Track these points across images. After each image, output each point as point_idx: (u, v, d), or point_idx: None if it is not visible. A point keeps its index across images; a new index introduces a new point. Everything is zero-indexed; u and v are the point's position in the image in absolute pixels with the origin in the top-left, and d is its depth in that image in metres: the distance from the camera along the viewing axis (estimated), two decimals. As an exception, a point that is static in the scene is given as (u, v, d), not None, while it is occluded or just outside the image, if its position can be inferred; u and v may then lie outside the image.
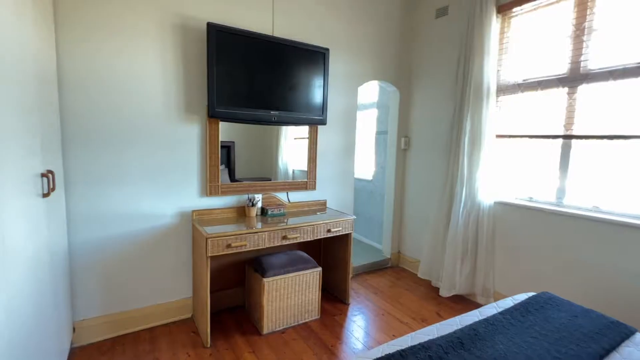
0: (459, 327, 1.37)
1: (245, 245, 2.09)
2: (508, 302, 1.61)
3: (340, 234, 2.55)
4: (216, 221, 2.30)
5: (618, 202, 2.07)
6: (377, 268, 3.48)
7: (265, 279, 2.21)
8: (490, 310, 1.54)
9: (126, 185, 2.12)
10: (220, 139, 2.38)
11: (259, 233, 2.14)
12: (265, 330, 2.25)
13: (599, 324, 1.40)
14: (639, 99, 1.95)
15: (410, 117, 3.45)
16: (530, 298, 1.63)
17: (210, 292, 2.12)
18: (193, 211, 2.35)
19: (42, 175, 1.45)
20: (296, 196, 2.83)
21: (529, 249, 2.44)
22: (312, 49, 2.57)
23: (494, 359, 1.15)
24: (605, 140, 2.10)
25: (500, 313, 1.48)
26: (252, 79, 2.35)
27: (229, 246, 2.03)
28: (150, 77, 2.13)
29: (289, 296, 2.33)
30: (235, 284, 2.59)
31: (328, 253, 2.90)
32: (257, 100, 2.38)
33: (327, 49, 2.65)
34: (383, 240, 3.69)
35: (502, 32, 2.63)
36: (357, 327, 2.39)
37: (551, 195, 2.38)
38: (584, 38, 2.18)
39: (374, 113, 4.27)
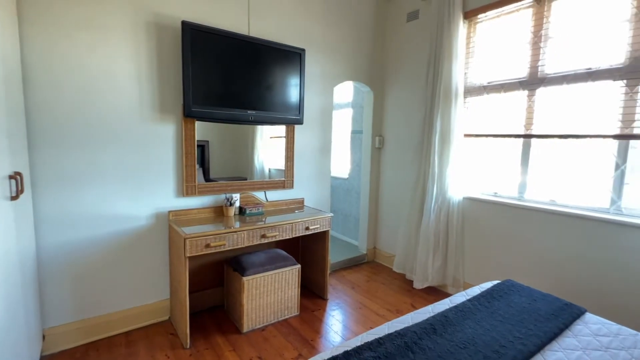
0: (432, 314, 1.47)
1: (225, 244, 2.09)
2: (475, 290, 1.74)
3: (318, 231, 2.60)
4: (194, 221, 2.29)
5: (571, 196, 2.26)
6: (354, 264, 3.58)
7: (244, 278, 2.23)
8: (459, 298, 1.65)
9: (99, 187, 2.07)
10: (196, 139, 2.37)
11: (238, 232, 2.15)
12: (245, 329, 2.26)
13: (554, 306, 1.54)
14: (588, 101, 2.14)
15: (384, 116, 3.56)
16: (495, 286, 1.76)
17: (189, 293, 2.11)
18: (169, 212, 2.32)
19: (10, 177, 1.40)
20: (274, 195, 2.86)
21: (495, 241, 2.60)
22: (288, 50, 2.60)
23: (463, 342, 1.25)
24: (560, 139, 2.29)
25: (469, 300, 1.59)
26: (228, 78, 2.35)
27: (207, 246, 2.03)
28: (123, 75, 2.08)
29: (268, 294, 2.36)
30: (213, 284, 2.58)
31: (306, 250, 2.95)
32: (234, 100, 2.39)
33: (303, 50, 2.69)
34: (359, 237, 3.79)
35: (468, 37, 2.78)
36: (336, 321, 2.46)
37: (514, 190, 2.56)
38: (541, 45, 2.35)
39: (349, 112, 4.36)
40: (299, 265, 2.50)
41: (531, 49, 2.40)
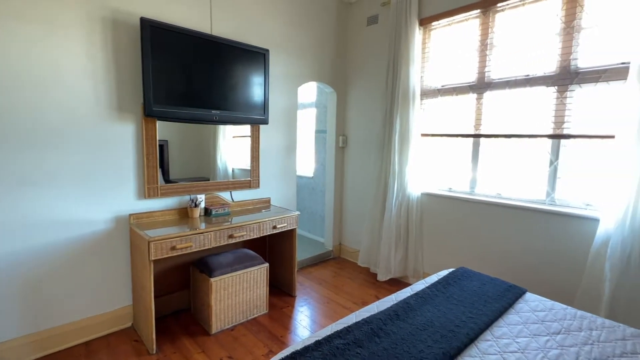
0: (395, 302, 1.58)
1: (191, 246, 2.07)
2: (433, 278, 1.89)
3: (286, 229, 2.65)
4: (157, 224, 2.23)
5: (514, 189, 2.51)
6: (321, 260, 3.66)
7: (212, 279, 2.22)
8: (419, 286, 1.78)
9: (50, 190, 1.94)
10: (158, 139, 2.30)
11: (205, 233, 2.14)
12: (214, 330, 2.25)
13: (500, 288, 1.73)
14: (527, 105, 2.39)
15: (346, 116, 3.67)
16: (450, 273, 1.93)
17: (154, 297, 2.06)
18: (130, 215, 2.24)
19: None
20: (240, 195, 2.85)
21: (450, 232, 2.81)
22: (252, 50, 2.60)
23: (422, 324, 1.37)
24: (505, 139, 2.53)
25: (427, 287, 1.73)
26: (191, 77, 2.31)
27: (173, 248, 2.00)
28: (77, 72, 1.98)
29: (237, 294, 2.36)
30: (179, 288, 2.53)
31: (274, 249, 2.98)
32: (197, 100, 2.35)
33: (267, 50, 2.70)
34: (325, 234, 3.88)
35: (424, 43, 2.97)
36: (304, 316, 2.53)
37: (466, 185, 2.78)
38: (487, 52, 2.58)
39: (313, 112, 4.43)
40: (267, 264, 2.53)
41: (479, 56, 2.63)
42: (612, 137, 1.97)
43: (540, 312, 1.56)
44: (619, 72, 1.97)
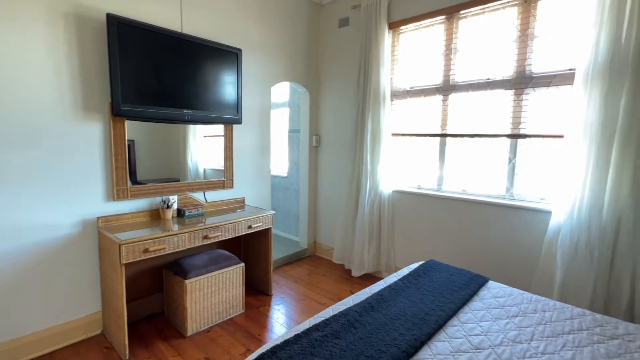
0: (369, 295, 1.65)
1: (165, 248, 2.03)
2: (405, 271, 1.99)
3: (261, 229, 2.66)
4: (128, 226, 2.17)
5: (478, 185, 2.68)
6: (296, 259, 3.70)
7: (187, 281, 2.19)
8: (392, 279, 1.87)
9: (11, 193, 1.84)
10: (127, 139, 2.24)
11: (179, 235, 2.11)
12: (189, 332, 2.23)
13: (466, 278, 1.86)
14: (488, 106, 2.56)
15: (319, 116, 3.73)
16: (420, 266, 2.03)
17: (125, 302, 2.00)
18: (98, 218, 2.16)
19: None
20: (214, 195, 2.83)
21: (420, 227, 2.95)
22: (225, 49, 2.59)
23: (396, 314, 1.45)
24: (469, 138, 2.69)
25: (400, 280, 1.82)
26: (162, 76, 2.26)
27: (146, 251, 1.95)
28: (39, 70, 1.88)
29: (212, 295, 2.35)
30: (151, 291, 2.47)
31: (249, 249, 2.98)
32: (169, 99, 2.31)
33: (240, 50, 2.70)
34: (300, 232, 3.92)
35: (393, 45, 3.08)
36: (281, 314, 2.55)
37: (434, 182, 2.93)
38: (452, 56, 2.73)
39: (286, 112, 4.45)
40: (242, 264, 2.53)
41: (444, 59, 2.77)
42: (562, 136, 2.16)
43: (500, 298, 1.69)
44: (566, 78, 2.17)
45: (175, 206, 2.46)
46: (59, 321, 2.06)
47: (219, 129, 2.82)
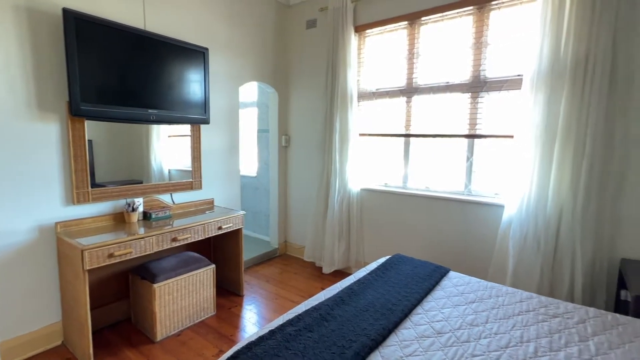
0: (340, 289, 1.72)
1: (131, 252, 1.98)
2: (373, 265, 2.08)
3: (231, 229, 2.65)
4: (90, 231, 2.08)
5: (440, 183, 2.85)
6: (267, 258, 3.71)
7: (155, 285, 2.14)
8: (361, 273, 1.96)
9: (-45, 200, 1.71)
10: (86, 139, 2.14)
11: (146, 238, 2.06)
12: (159, 337, 2.18)
13: (429, 270, 1.98)
14: (448, 108, 2.73)
15: (289, 116, 3.76)
16: (387, 260, 2.14)
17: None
18: (57, 223, 2.05)
19: None
20: (181, 197, 2.77)
21: (387, 224, 3.08)
22: (191, 48, 2.54)
23: (365, 306, 1.53)
24: (431, 138, 2.85)
25: (368, 274, 1.91)
26: (124, 75, 2.19)
27: (111, 256, 1.89)
28: (-15, 66, 1.76)
29: (182, 298, 2.31)
30: (116, 298, 2.38)
31: (219, 250, 2.95)
32: (132, 98, 2.24)
33: (207, 49, 2.66)
34: (270, 232, 3.93)
35: (359, 48, 3.18)
36: (253, 314, 2.57)
37: (399, 180, 3.06)
38: (414, 60, 2.87)
39: (254, 111, 4.42)
40: (213, 265, 2.51)
41: (407, 63, 2.91)
42: (512, 136, 2.36)
43: (460, 286, 1.83)
44: (515, 83, 2.37)
45: (140, 209, 2.39)
46: (15, 334, 1.94)
47: (185, 128, 2.76)
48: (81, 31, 1.95)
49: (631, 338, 1.35)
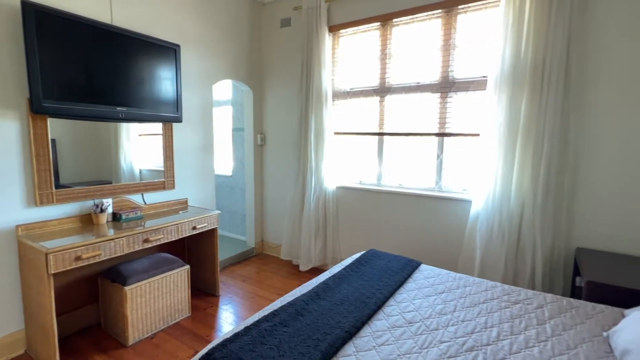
0: (315, 284, 1.75)
1: (100, 254, 1.91)
2: (348, 261, 2.13)
3: (206, 229, 2.61)
4: (55, 234, 1.99)
5: (412, 180, 2.94)
6: (244, 258, 3.68)
7: (126, 287, 2.08)
8: (337, 269, 2.00)
9: None
10: (49, 138, 2.04)
11: (116, 239, 1.99)
12: (131, 341, 2.12)
13: (402, 263, 2.05)
14: (419, 107, 2.82)
15: (264, 115, 3.74)
16: (362, 255, 2.19)
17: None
18: (18, 226, 1.95)
19: None
20: (153, 197, 2.70)
21: (362, 220, 3.14)
22: (162, 44, 2.49)
23: (340, 299, 1.57)
24: (404, 137, 2.93)
25: (343, 269, 1.95)
26: (91, 71, 2.11)
27: (78, 259, 1.82)
28: None
29: (155, 300, 2.26)
30: (85, 302, 2.29)
31: (194, 251, 2.90)
32: (100, 96, 2.16)
33: (178, 45, 2.61)
34: (247, 232, 3.91)
35: (334, 48, 3.22)
36: (229, 314, 2.55)
37: (374, 178, 3.13)
38: (387, 60, 2.95)
39: (229, 110, 4.37)
40: (188, 266, 2.47)
41: (380, 63, 2.98)
42: (478, 135, 2.48)
43: (430, 278, 1.91)
44: (481, 84, 2.49)
45: (110, 210, 2.31)
46: (-29, 344, 1.83)
47: (157, 127, 2.70)
48: (42, 25, 1.86)
49: (583, 320, 1.47)
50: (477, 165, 2.46)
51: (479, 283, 1.85)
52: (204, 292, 2.85)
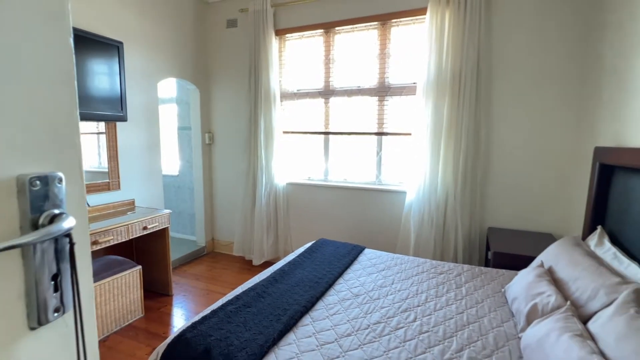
0: (273, 271, 1.92)
1: (46, 258, 1.85)
2: (301, 250, 2.32)
3: (157, 229, 2.61)
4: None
5: (356, 175, 3.23)
6: (195, 257, 3.67)
7: (75, 291, 2.03)
8: (291, 257, 2.18)
9: None
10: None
11: (63, 242, 1.94)
12: (81, 346, 2.07)
13: (348, 249, 2.31)
14: (361, 109, 3.12)
15: (212, 114, 3.76)
16: (313, 244, 2.41)
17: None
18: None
19: None
20: (97, 199, 2.61)
21: (311, 213, 3.36)
22: (103, 41, 2.42)
23: (296, 282, 1.76)
24: (347, 135, 3.21)
25: (297, 257, 2.14)
26: (26, 67, 2.00)
27: (21, 264, 1.75)
28: None
29: (106, 302, 2.23)
30: (24, 312, 2.17)
31: (143, 252, 2.86)
32: (37, 93, 2.05)
33: (121, 42, 2.56)
34: (196, 231, 3.89)
35: (280, 51, 3.37)
36: (185, 310, 2.59)
37: (321, 174, 3.37)
38: (331, 65, 3.19)
39: (174, 108, 4.27)
40: (139, 267, 2.45)
41: (324, 67, 3.21)
42: (410, 134, 2.84)
43: (373, 259, 2.19)
44: (412, 89, 2.85)
45: (50, 213, 2.21)
46: None
47: (99, 125, 2.61)
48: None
49: (489, 281, 1.85)
50: (410, 161, 2.82)
51: (413, 260, 2.18)
52: (156, 293, 2.83)
